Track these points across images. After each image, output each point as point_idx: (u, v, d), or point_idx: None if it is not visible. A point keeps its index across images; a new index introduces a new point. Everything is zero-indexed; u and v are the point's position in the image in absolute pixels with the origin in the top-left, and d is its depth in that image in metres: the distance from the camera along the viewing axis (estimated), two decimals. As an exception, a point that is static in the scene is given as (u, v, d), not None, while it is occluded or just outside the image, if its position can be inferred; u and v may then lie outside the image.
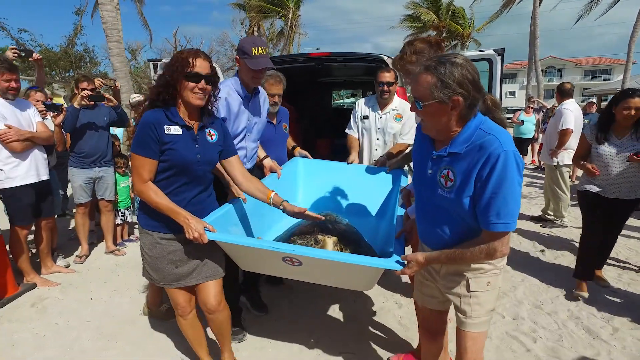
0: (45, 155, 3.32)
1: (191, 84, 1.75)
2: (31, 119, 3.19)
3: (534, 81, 18.97)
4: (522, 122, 8.99)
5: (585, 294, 3.13)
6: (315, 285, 2.07)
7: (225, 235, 1.81)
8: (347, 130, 3.33)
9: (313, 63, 4.26)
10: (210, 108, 1.94)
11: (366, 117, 3.21)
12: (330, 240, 1.87)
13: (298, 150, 3.16)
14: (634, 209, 3.15)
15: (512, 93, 50.51)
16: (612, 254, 3.76)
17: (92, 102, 3.61)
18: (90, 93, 3.55)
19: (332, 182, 3.05)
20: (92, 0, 20.19)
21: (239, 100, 2.38)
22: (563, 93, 4.85)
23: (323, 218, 2.06)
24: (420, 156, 1.62)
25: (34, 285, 3.31)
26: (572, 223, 5.16)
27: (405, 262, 1.54)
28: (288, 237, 2.22)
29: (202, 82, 1.76)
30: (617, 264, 3.91)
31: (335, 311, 2.97)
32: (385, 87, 3.06)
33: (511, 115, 9.92)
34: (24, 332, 2.66)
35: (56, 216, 4.14)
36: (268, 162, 2.73)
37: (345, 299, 3.10)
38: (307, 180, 3.10)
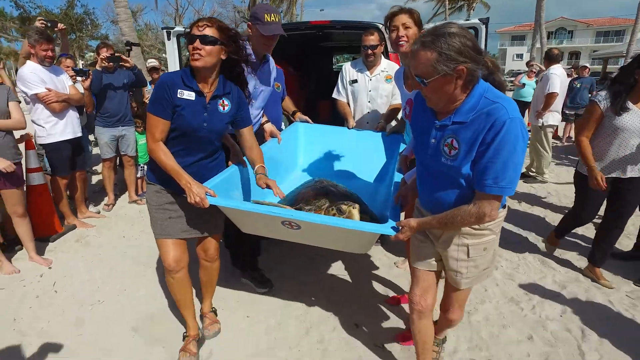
0: (78, 115, 3.79)
1: (189, 46, 1.79)
2: (65, 83, 3.62)
3: (541, 44, 18.80)
4: (524, 85, 9.18)
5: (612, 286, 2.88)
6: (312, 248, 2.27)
7: (226, 200, 1.85)
8: (334, 96, 3.31)
9: (314, 30, 4.59)
10: (236, 74, 1.96)
11: (355, 81, 3.19)
12: (355, 211, 1.85)
13: (298, 115, 3.18)
14: None
15: (520, 56, 49.41)
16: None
17: (111, 64, 4.05)
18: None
19: (332, 146, 3.11)
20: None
21: (247, 67, 2.38)
22: (551, 58, 5.20)
23: (284, 195, 2.03)
24: (421, 125, 1.61)
25: (74, 226, 3.87)
26: (552, 179, 5.65)
27: (400, 227, 1.60)
28: (292, 203, 2.23)
29: (197, 42, 1.75)
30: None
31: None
32: (370, 51, 3.05)
33: (513, 79, 10.10)
34: (75, 261, 3.23)
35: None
36: (269, 127, 2.76)
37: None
38: (307, 144, 3.17)
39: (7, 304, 2.60)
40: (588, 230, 3.78)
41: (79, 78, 3.96)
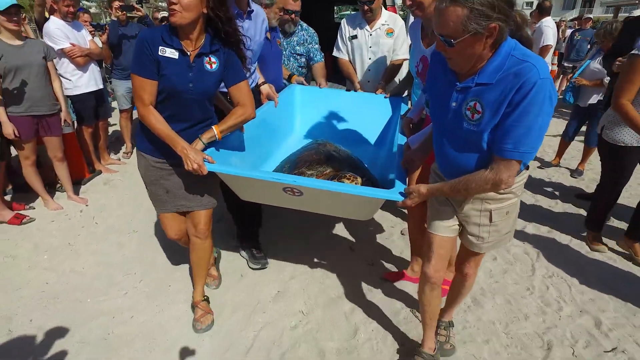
0: (99, 68, 4.11)
1: (168, 1, 1.60)
2: (85, 38, 3.90)
3: None
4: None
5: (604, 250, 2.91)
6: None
7: (225, 167, 1.77)
8: (335, 53, 3.18)
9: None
10: (226, 33, 1.75)
11: (354, 36, 3.05)
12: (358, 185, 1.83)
13: (295, 78, 3.09)
14: None
15: (530, 4, 47.48)
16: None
17: (124, 13, 4.32)
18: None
19: (330, 109, 3.04)
20: None
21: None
22: (542, 11, 5.37)
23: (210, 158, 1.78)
24: (439, 88, 1.50)
25: (99, 172, 4.31)
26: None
27: (407, 193, 1.55)
28: (294, 167, 2.18)
29: None
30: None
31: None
32: (366, 7, 2.89)
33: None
34: (107, 199, 3.70)
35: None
36: (265, 89, 2.59)
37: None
38: (304, 107, 3.10)
39: (61, 232, 3.09)
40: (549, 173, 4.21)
41: (97, 33, 4.24)
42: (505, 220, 1.57)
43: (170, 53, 1.68)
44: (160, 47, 1.66)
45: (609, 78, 3.57)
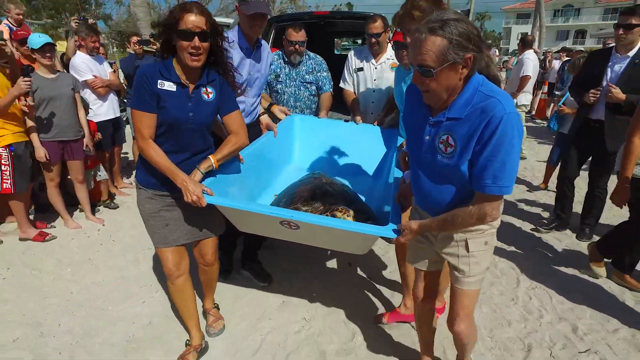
0: (117, 97, 4.46)
1: (185, 43, 1.66)
2: (106, 70, 4.27)
3: (547, 22, 19.07)
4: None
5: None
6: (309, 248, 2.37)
7: (223, 199, 1.80)
8: (341, 84, 3.30)
9: (316, 20, 5.20)
10: (216, 64, 1.86)
11: (360, 69, 3.16)
12: (350, 219, 1.88)
13: (277, 107, 2.96)
14: None
15: (527, 34, 49.11)
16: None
17: (141, 47, 4.73)
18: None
19: (329, 140, 3.07)
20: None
21: (240, 52, 2.38)
22: (525, 44, 5.82)
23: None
24: (414, 121, 1.56)
25: (114, 195, 4.58)
26: (532, 157, 6.34)
27: (400, 230, 1.57)
28: (290, 202, 2.24)
29: (196, 40, 1.66)
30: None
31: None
32: (374, 40, 3.03)
33: (507, 58, 10.63)
34: (122, 220, 3.96)
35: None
36: (265, 120, 2.69)
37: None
38: (303, 138, 3.13)
39: (81, 249, 3.34)
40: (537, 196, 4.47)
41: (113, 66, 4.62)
42: (485, 253, 1.58)
43: (169, 86, 1.75)
44: (159, 81, 1.73)
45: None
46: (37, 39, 3.27)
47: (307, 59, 3.27)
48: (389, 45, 3.13)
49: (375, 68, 3.15)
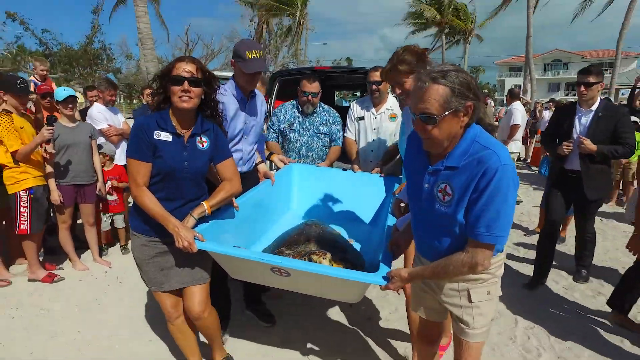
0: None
1: (175, 88, 1.77)
2: (119, 120, 4.55)
3: (538, 75, 20.06)
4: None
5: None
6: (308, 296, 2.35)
7: (214, 244, 1.81)
8: (345, 134, 3.36)
9: (318, 74, 5.58)
10: (210, 112, 1.97)
11: (362, 118, 3.24)
12: (325, 262, 1.90)
13: (276, 156, 3.06)
14: None
15: (518, 86, 50.94)
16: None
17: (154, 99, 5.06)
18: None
19: (327, 188, 3.11)
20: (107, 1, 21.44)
21: (235, 103, 2.44)
22: (513, 95, 6.25)
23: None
24: (414, 169, 1.59)
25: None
26: (527, 202, 6.50)
27: (390, 277, 1.55)
28: (277, 247, 2.24)
29: (185, 84, 1.76)
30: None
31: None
32: (374, 87, 3.08)
33: (500, 107, 11.13)
34: (127, 263, 4.03)
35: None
36: (263, 168, 2.76)
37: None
38: (301, 186, 3.16)
39: (89, 290, 3.42)
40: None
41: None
42: (489, 303, 1.56)
43: (165, 136, 1.82)
44: (155, 132, 1.81)
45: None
46: (62, 92, 3.56)
47: (321, 110, 3.37)
48: (389, 95, 3.22)
49: (375, 117, 3.22)
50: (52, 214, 3.79)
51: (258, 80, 2.52)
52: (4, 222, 3.83)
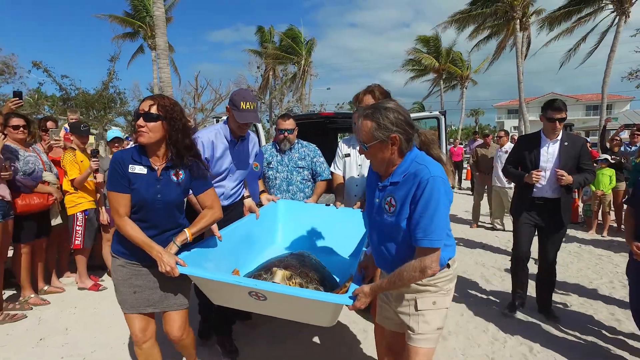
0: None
1: (135, 123, 1.87)
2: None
3: (535, 117, 21.13)
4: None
5: None
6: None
7: (194, 269, 1.89)
8: (332, 169, 3.45)
9: (323, 119, 6.37)
10: (174, 149, 1.93)
11: (347, 155, 3.38)
12: (280, 272, 1.99)
13: (265, 196, 3.20)
14: None
15: (516, 127, 52.31)
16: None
17: None
18: None
19: (311, 223, 3.17)
20: (124, 50, 22.86)
21: (225, 144, 2.58)
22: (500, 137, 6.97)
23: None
24: (370, 188, 1.85)
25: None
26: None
27: (355, 295, 1.66)
28: (256, 270, 2.27)
29: (140, 119, 1.83)
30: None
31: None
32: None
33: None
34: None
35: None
36: (248, 202, 2.88)
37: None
38: (285, 220, 3.25)
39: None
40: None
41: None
42: (434, 312, 1.72)
43: (139, 169, 1.90)
44: (130, 165, 1.89)
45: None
46: (110, 133, 4.37)
47: (299, 146, 3.51)
48: None
49: (360, 155, 3.26)
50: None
51: (248, 129, 2.68)
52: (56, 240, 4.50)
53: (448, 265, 1.73)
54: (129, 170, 1.89)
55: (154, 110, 1.86)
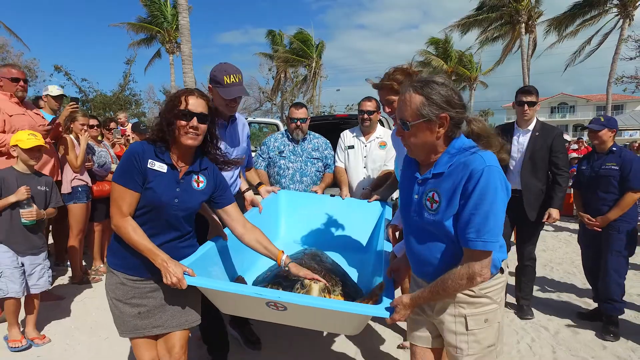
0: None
1: (182, 123, 1.65)
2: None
3: (545, 117, 21.67)
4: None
5: None
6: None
7: (205, 280, 1.70)
8: (335, 162, 3.40)
9: (338, 120, 7.09)
10: (212, 151, 1.84)
11: (351, 146, 3.29)
12: (316, 287, 1.79)
13: (263, 188, 2.99)
14: None
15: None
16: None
17: None
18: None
19: (315, 215, 3.01)
20: (139, 55, 23.69)
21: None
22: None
23: (323, 282, 1.83)
24: (405, 182, 1.59)
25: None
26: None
27: (393, 306, 1.47)
28: (273, 278, 2.12)
29: (194, 120, 1.66)
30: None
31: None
32: (366, 116, 3.17)
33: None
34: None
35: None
36: (250, 195, 2.67)
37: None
38: (288, 213, 3.09)
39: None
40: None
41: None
42: (486, 330, 1.48)
43: (159, 167, 1.68)
44: (149, 160, 1.67)
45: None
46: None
47: (312, 137, 3.48)
48: (378, 125, 3.41)
49: (365, 146, 3.33)
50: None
51: (238, 105, 2.41)
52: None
53: (501, 270, 1.51)
54: (148, 166, 1.68)
55: (205, 109, 1.72)
